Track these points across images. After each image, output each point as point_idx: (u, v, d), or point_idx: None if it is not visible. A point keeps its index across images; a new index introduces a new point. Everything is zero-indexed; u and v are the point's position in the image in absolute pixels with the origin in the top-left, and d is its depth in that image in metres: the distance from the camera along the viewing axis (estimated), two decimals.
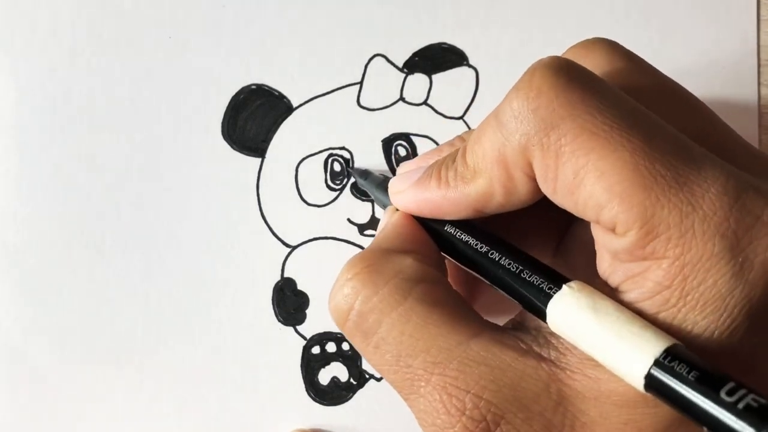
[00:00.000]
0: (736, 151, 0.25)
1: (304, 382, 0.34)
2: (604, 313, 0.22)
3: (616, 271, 0.23)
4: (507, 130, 0.23)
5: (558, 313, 0.23)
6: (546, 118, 0.22)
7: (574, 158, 0.22)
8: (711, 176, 0.22)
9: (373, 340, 0.25)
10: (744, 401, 0.19)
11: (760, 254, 0.21)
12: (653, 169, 0.21)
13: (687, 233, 0.21)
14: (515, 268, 0.25)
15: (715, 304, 0.21)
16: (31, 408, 0.34)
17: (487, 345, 0.24)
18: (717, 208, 0.21)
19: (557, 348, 0.24)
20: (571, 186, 0.22)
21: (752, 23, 0.35)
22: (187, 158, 0.34)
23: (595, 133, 0.22)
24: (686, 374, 0.20)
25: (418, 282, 0.25)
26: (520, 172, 0.24)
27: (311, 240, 0.34)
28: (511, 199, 0.25)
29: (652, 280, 0.22)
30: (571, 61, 0.24)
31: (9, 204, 0.33)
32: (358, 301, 0.25)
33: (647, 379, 0.21)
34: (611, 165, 0.22)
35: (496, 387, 0.23)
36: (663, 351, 0.21)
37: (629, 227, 0.22)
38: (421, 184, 0.27)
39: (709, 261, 0.21)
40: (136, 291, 0.34)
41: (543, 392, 0.23)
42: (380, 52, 0.34)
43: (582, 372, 0.23)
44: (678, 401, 0.20)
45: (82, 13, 0.34)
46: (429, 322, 0.25)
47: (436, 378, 0.24)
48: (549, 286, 0.24)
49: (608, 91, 0.23)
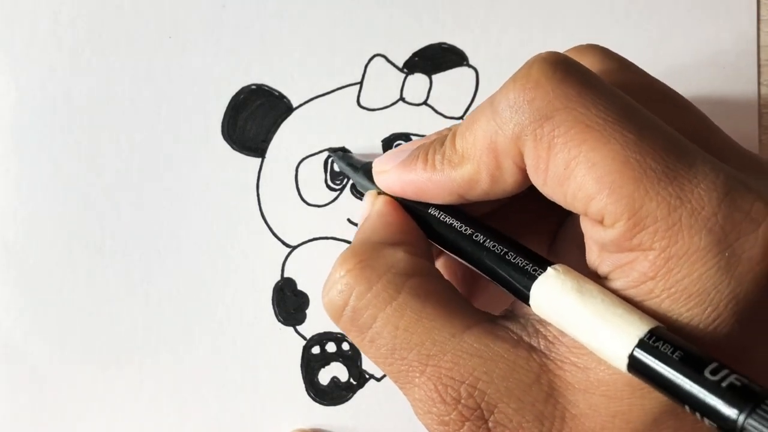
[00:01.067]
0: (728, 151, 0.25)
1: (304, 382, 0.34)
2: (589, 296, 0.22)
3: (604, 262, 0.23)
4: (501, 118, 0.24)
5: (542, 294, 0.23)
6: (541, 109, 0.23)
7: (566, 149, 0.22)
8: (701, 172, 0.22)
9: (368, 335, 0.26)
10: (727, 380, 0.20)
11: (747, 250, 0.21)
12: (644, 162, 0.22)
13: (674, 226, 0.21)
14: (500, 250, 0.25)
15: (700, 297, 0.21)
16: (31, 408, 0.34)
17: (479, 336, 0.24)
18: (705, 202, 0.21)
19: (546, 337, 0.24)
20: (561, 177, 0.23)
21: (752, 23, 0.35)
22: (187, 158, 0.34)
23: (588, 125, 0.22)
24: (670, 354, 0.20)
25: (410, 275, 0.26)
26: (510, 162, 0.24)
27: (311, 240, 0.34)
28: (496, 187, 0.25)
29: (638, 270, 0.22)
30: (568, 57, 0.24)
31: (9, 204, 0.33)
32: (352, 297, 0.26)
33: (630, 359, 0.21)
34: (602, 157, 0.22)
35: (489, 378, 0.24)
36: (647, 332, 0.21)
37: (617, 218, 0.22)
38: (407, 164, 0.27)
39: (695, 254, 0.21)
40: (136, 291, 0.34)
41: (534, 383, 0.24)
42: (380, 52, 0.34)
43: (571, 361, 0.23)
44: (661, 381, 0.21)
45: (82, 13, 0.34)
46: (423, 315, 0.25)
47: (431, 369, 0.24)
48: (534, 267, 0.24)
49: (604, 87, 0.23)
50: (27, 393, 0.34)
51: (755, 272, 0.21)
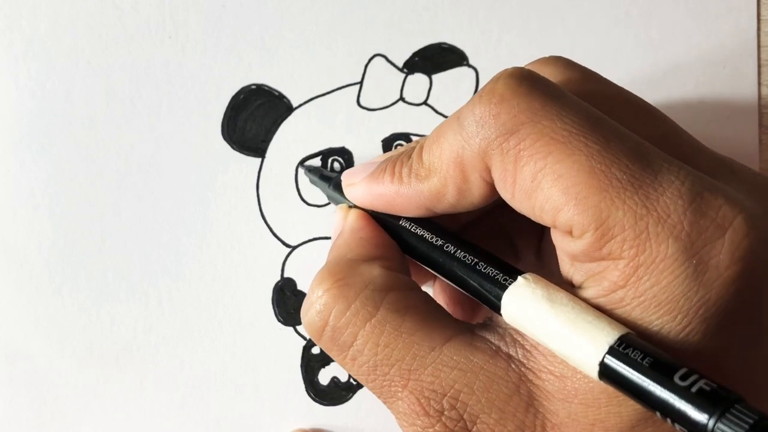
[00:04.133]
0: (698, 155, 0.25)
1: (304, 382, 0.34)
2: (559, 304, 0.22)
3: (577, 272, 0.23)
4: (467, 133, 0.24)
5: (513, 303, 0.23)
6: (507, 123, 0.23)
7: (532, 162, 0.23)
8: (666, 179, 0.22)
9: (349, 353, 0.26)
10: (697, 385, 0.20)
11: (714, 257, 0.21)
12: (609, 172, 0.22)
13: (641, 234, 0.21)
14: (470, 260, 0.25)
15: (669, 305, 0.21)
16: (31, 408, 0.34)
17: (459, 349, 0.25)
18: (671, 210, 0.21)
19: (523, 346, 0.24)
20: (528, 190, 0.23)
21: (752, 23, 0.35)
22: (187, 158, 0.34)
23: (553, 138, 0.22)
24: (640, 360, 0.20)
25: (388, 291, 0.26)
26: (477, 176, 0.24)
27: (311, 240, 0.34)
28: (463, 200, 0.25)
29: (609, 279, 0.22)
30: (533, 71, 0.24)
31: (9, 204, 0.33)
32: (331, 316, 0.26)
33: (601, 366, 0.21)
34: (568, 168, 0.22)
35: (470, 390, 0.24)
36: (617, 339, 0.21)
37: (585, 229, 0.22)
38: (375, 177, 0.27)
39: (663, 263, 0.21)
40: (136, 291, 0.34)
41: (514, 394, 0.24)
42: (380, 52, 0.34)
43: (548, 370, 0.23)
44: (632, 388, 0.21)
45: (82, 13, 0.34)
46: (402, 330, 0.25)
47: (412, 383, 0.25)
48: (504, 277, 0.24)
49: (568, 99, 0.23)
50: (27, 393, 0.34)
51: (723, 278, 0.21)
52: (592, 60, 0.35)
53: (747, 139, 0.35)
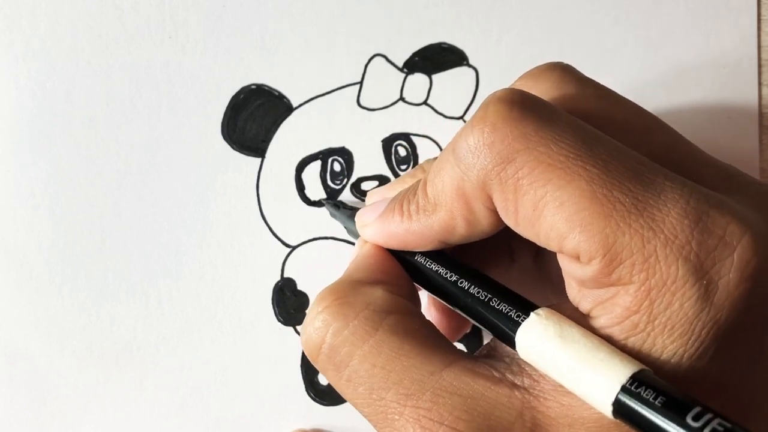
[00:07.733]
0: (700, 168, 0.25)
1: (304, 382, 0.34)
2: (571, 341, 0.22)
3: (585, 298, 0.23)
4: (464, 164, 0.24)
5: (526, 340, 0.23)
6: (502, 152, 0.23)
7: (532, 191, 0.22)
8: (671, 199, 0.22)
9: (345, 374, 0.25)
10: (710, 426, 0.19)
11: (723, 275, 0.21)
12: (611, 196, 0.22)
13: (650, 258, 0.21)
14: (484, 296, 0.25)
15: (683, 327, 0.21)
16: (31, 408, 0.34)
17: (459, 374, 0.24)
18: (678, 231, 0.21)
19: (531, 375, 0.24)
20: (531, 218, 0.23)
21: (752, 23, 0.35)
22: (187, 158, 0.34)
23: (551, 164, 0.22)
24: (653, 400, 0.20)
25: (388, 313, 0.25)
26: (481, 205, 0.24)
27: (311, 240, 0.34)
28: (474, 230, 0.25)
29: (620, 305, 0.22)
30: (525, 93, 0.24)
31: (9, 204, 0.33)
32: (329, 334, 0.25)
33: (615, 405, 0.21)
34: (569, 195, 0.22)
35: (470, 417, 0.23)
36: (629, 377, 0.21)
37: (593, 256, 0.22)
38: (385, 217, 0.27)
39: (674, 285, 0.21)
40: (136, 291, 0.34)
41: (517, 420, 0.23)
42: (380, 52, 0.34)
43: (555, 399, 0.23)
44: (645, 427, 0.20)
45: (82, 13, 0.34)
46: (401, 353, 0.24)
47: (409, 410, 0.24)
48: (517, 313, 0.24)
49: (563, 120, 0.23)
50: (27, 393, 0.34)
51: (733, 297, 0.21)
52: (592, 60, 0.35)
53: (747, 139, 0.35)
